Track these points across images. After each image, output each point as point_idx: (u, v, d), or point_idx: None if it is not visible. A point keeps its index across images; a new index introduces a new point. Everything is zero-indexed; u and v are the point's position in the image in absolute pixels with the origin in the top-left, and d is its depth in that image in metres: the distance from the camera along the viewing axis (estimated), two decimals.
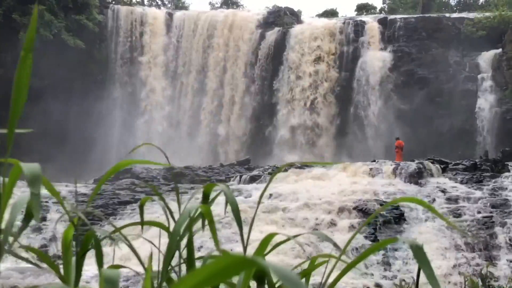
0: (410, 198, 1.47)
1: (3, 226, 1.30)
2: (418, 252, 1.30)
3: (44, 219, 17.04)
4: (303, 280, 1.65)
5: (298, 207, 17.49)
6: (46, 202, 17.20)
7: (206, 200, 1.68)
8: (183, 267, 1.74)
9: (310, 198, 18.25)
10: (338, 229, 16.18)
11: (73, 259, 1.68)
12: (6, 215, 1.30)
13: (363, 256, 1.39)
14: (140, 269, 1.79)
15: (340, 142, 39.51)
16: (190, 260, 1.58)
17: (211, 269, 0.76)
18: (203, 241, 14.10)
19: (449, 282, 13.07)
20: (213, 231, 1.64)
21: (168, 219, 1.86)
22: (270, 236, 1.57)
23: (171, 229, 1.69)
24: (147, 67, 43.60)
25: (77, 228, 1.72)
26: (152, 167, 27.84)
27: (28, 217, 1.44)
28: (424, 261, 1.28)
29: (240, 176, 23.75)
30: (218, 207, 2.53)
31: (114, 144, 40.53)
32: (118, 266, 1.86)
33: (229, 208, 1.61)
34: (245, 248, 1.57)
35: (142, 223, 2.00)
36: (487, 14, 41.49)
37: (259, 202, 1.80)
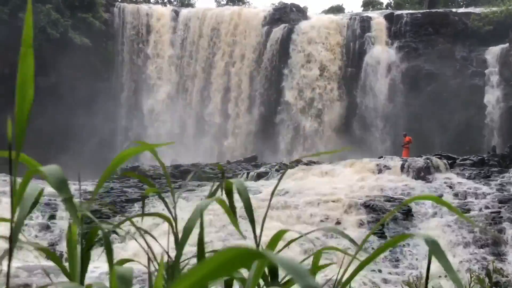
0: (428, 196, 1.46)
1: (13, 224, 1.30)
2: (435, 246, 1.30)
3: (53, 217, 17.10)
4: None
5: (306, 203, 17.47)
6: (55, 200, 17.25)
7: (231, 196, 1.69)
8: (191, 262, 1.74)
9: (318, 195, 18.23)
10: (346, 226, 16.16)
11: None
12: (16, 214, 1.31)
13: (378, 252, 1.38)
14: (151, 266, 1.79)
15: (346, 138, 39.43)
16: (201, 253, 1.58)
17: (219, 261, 0.76)
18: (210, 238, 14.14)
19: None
20: (234, 222, 1.64)
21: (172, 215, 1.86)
22: (282, 232, 1.57)
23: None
24: (153, 64, 43.65)
25: (81, 224, 1.72)
26: (158, 164, 27.84)
27: (32, 206, 1.43)
28: (441, 255, 1.27)
29: (247, 173, 23.76)
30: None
31: (121, 142, 40.60)
32: (126, 261, 1.86)
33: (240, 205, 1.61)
34: (258, 244, 1.57)
35: (144, 214, 2.00)
36: (494, 8, 41.28)
37: (270, 199, 1.81)
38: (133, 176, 22.52)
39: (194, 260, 1.70)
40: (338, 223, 16.42)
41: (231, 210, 1.65)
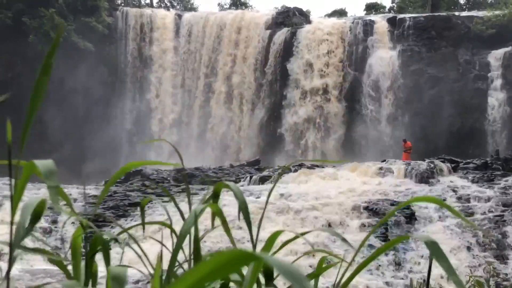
0: (427, 197, 1.46)
1: (14, 227, 1.31)
2: (435, 248, 1.30)
3: (55, 221, 17.10)
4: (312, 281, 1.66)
5: (309, 207, 17.46)
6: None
7: (217, 199, 1.70)
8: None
9: (321, 198, 18.23)
10: (349, 229, 16.15)
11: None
12: (17, 217, 1.32)
13: (375, 255, 1.39)
14: (147, 271, 1.81)
15: (349, 142, 39.42)
16: (197, 257, 1.59)
17: (217, 262, 0.77)
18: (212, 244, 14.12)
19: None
20: (226, 229, 1.65)
21: (170, 219, 1.87)
22: (277, 233, 1.57)
23: (177, 229, 1.71)
24: (156, 68, 43.71)
25: (86, 230, 1.73)
26: (162, 168, 27.91)
27: (34, 219, 1.46)
28: (441, 255, 1.27)
29: (250, 177, 23.75)
30: (227, 208, 2.54)
31: (125, 146, 40.66)
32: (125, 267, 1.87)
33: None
34: (254, 246, 1.58)
35: (144, 223, 2.01)
36: (497, 12, 41.28)
37: (267, 202, 1.81)
38: (154, 187, 22.54)
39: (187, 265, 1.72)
40: (341, 226, 16.40)
41: (223, 215, 1.66)
